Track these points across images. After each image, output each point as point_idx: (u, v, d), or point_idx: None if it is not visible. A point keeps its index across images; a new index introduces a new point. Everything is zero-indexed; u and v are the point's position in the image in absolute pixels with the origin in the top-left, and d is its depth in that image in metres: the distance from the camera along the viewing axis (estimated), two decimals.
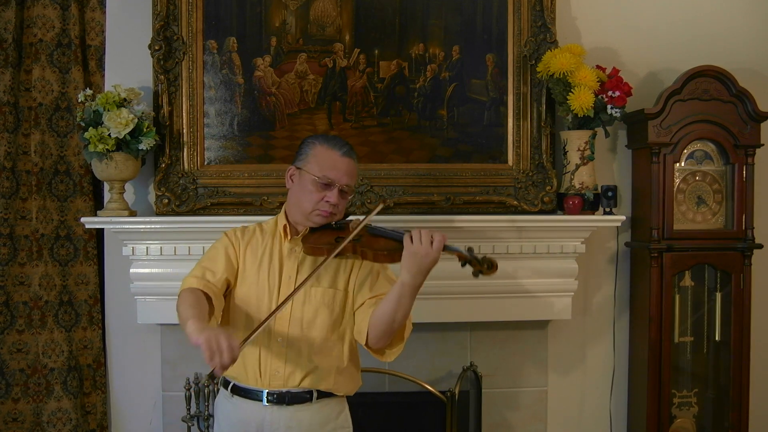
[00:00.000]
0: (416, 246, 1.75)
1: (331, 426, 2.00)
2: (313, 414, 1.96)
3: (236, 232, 2.05)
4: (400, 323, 1.85)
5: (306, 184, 1.95)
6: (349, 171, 1.97)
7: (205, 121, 2.82)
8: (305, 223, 1.98)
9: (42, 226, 2.83)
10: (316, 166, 1.95)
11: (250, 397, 1.97)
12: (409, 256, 1.75)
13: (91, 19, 2.87)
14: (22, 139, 2.84)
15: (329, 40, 2.85)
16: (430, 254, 1.75)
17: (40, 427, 2.86)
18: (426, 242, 1.75)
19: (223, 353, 1.61)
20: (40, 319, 2.85)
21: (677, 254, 2.87)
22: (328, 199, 1.93)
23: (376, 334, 1.87)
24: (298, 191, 1.98)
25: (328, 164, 1.94)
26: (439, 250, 1.76)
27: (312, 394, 1.96)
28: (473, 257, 1.78)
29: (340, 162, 1.95)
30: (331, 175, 1.93)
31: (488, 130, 2.91)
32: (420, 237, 1.75)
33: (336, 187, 1.93)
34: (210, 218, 2.72)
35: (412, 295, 1.81)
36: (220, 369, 1.63)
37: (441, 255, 1.78)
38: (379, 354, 1.95)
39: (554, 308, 2.91)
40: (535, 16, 2.88)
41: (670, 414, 2.94)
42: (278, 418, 1.94)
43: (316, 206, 1.94)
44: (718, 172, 2.95)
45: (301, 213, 1.98)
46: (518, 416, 3.05)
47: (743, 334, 2.92)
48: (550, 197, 2.88)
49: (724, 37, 3.07)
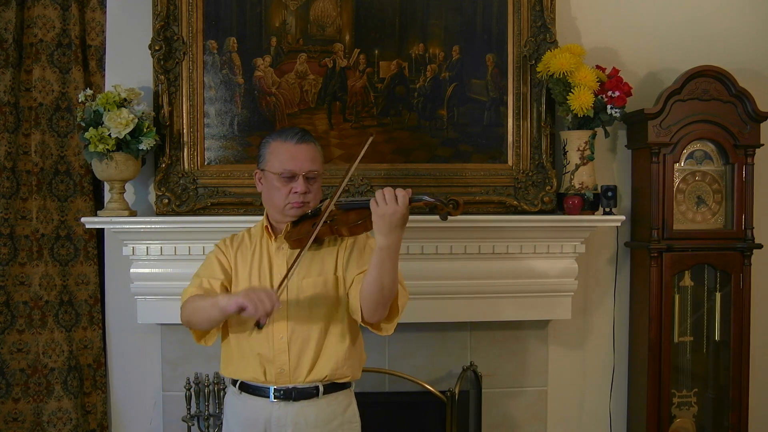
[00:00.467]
0: (382, 207, 1.73)
1: (338, 421, 2.00)
2: (320, 409, 1.97)
3: (225, 241, 2.09)
4: (390, 290, 1.82)
5: (272, 182, 1.97)
6: (309, 156, 1.97)
7: (206, 121, 2.82)
8: (284, 220, 2.00)
9: (42, 226, 2.83)
10: (275, 162, 1.97)
11: (257, 394, 1.98)
12: (378, 218, 1.74)
13: (91, 19, 2.87)
14: (22, 139, 2.85)
15: (329, 40, 2.85)
16: (397, 210, 1.72)
17: (41, 426, 2.86)
18: (391, 200, 1.73)
19: (264, 301, 1.71)
20: (41, 319, 2.85)
21: (677, 254, 2.87)
22: (295, 190, 1.94)
23: (369, 307, 1.85)
24: (267, 191, 2.01)
25: (285, 157, 1.95)
26: (405, 204, 1.74)
27: (318, 389, 1.97)
28: (438, 200, 1.78)
29: (296, 150, 1.96)
30: (290, 166, 1.95)
31: (488, 130, 2.91)
32: (384, 197, 1.74)
33: (300, 177, 1.94)
34: (210, 218, 2.72)
35: (392, 257, 1.78)
36: (264, 316, 1.73)
37: (409, 208, 1.76)
38: (377, 328, 1.94)
39: (554, 308, 2.91)
40: (535, 16, 2.89)
41: (669, 414, 2.94)
42: (285, 414, 1.96)
43: (286, 200, 1.96)
44: (717, 172, 2.95)
45: (276, 211, 2.00)
46: (518, 416, 3.05)
47: (743, 334, 2.92)
48: (550, 197, 2.88)
49: (724, 37, 3.07)
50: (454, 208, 1.77)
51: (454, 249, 2.79)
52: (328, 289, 1.98)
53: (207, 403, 2.86)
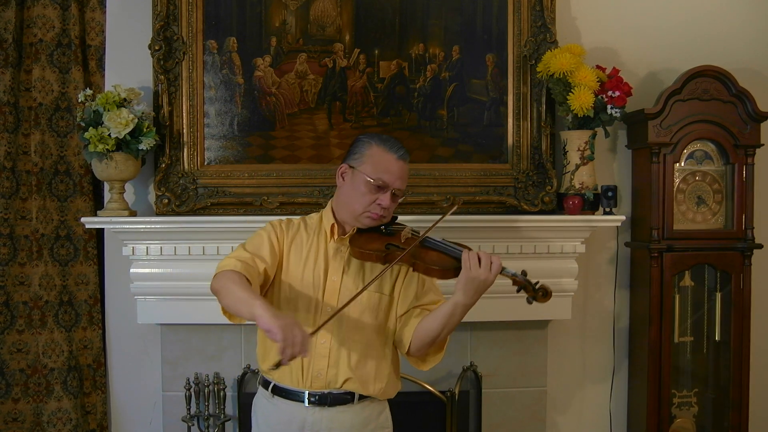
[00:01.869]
0: (475, 271, 1.75)
1: (372, 426, 1.99)
2: (355, 415, 1.95)
3: (281, 224, 2.00)
4: (445, 337, 1.87)
5: (358, 185, 1.90)
6: (403, 175, 1.92)
7: (205, 121, 2.82)
8: (353, 224, 1.94)
9: (42, 226, 2.83)
10: (371, 167, 1.90)
11: (291, 398, 1.95)
12: (468, 280, 1.76)
13: (91, 19, 2.87)
14: (22, 139, 2.84)
15: (329, 40, 2.85)
16: (488, 279, 1.77)
17: (41, 427, 2.86)
18: (485, 267, 1.76)
19: (296, 346, 1.61)
20: (40, 319, 2.85)
21: (677, 254, 2.87)
22: (380, 202, 1.89)
23: (418, 346, 1.89)
24: (349, 190, 1.94)
25: (384, 167, 1.89)
26: (496, 274, 1.77)
27: (353, 395, 1.95)
28: (527, 282, 1.81)
29: (395, 165, 1.90)
30: (385, 177, 1.89)
31: (488, 130, 2.91)
32: (477, 261, 1.76)
33: (389, 191, 1.89)
34: (210, 218, 2.72)
35: (464, 314, 1.83)
36: (288, 360, 1.62)
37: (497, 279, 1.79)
38: (418, 363, 1.97)
39: (554, 308, 2.89)
40: (535, 16, 2.89)
41: (670, 414, 2.94)
42: (320, 419, 1.93)
43: (367, 208, 1.90)
44: (718, 172, 2.95)
45: (349, 213, 1.94)
46: (518, 416, 3.05)
47: (743, 334, 2.92)
48: (550, 197, 2.88)
49: (724, 37, 3.07)
50: (543, 296, 1.80)
51: None
52: (381, 306, 1.95)
53: (207, 403, 2.86)
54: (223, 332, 2.90)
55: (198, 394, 2.87)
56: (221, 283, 1.81)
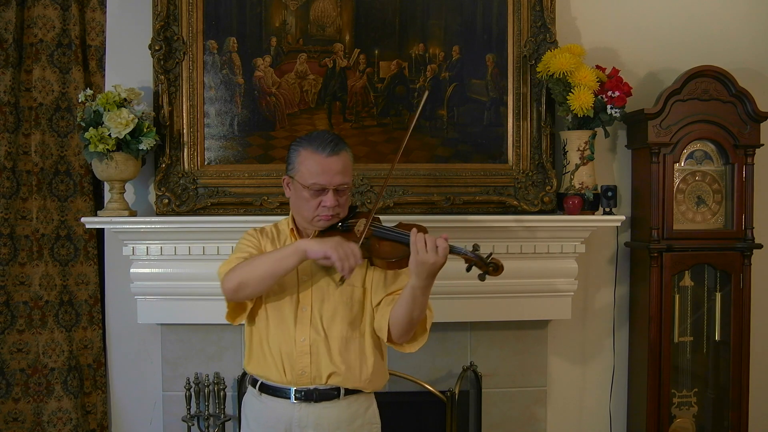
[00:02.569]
0: (423, 255, 1.75)
1: (359, 422, 2.00)
2: (341, 410, 1.97)
3: (256, 231, 2.04)
4: (418, 318, 1.87)
5: (300, 193, 1.92)
6: (341, 169, 1.89)
7: (205, 121, 2.83)
8: (311, 228, 1.97)
9: (42, 226, 2.83)
10: (305, 173, 1.89)
11: (278, 395, 1.97)
12: (418, 264, 1.76)
13: (91, 19, 2.87)
14: (22, 139, 2.85)
15: (329, 40, 2.85)
16: (437, 261, 1.76)
17: (41, 426, 2.86)
18: (432, 250, 1.75)
19: (350, 257, 1.76)
20: (41, 319, 2.85)
21: (677, 254, 2.87)
22: (324, 204, 1.90)
23: (397, 332, 1.89)
24: (294, 200, 1.97)
25: (316, 170, 1.88)
26: (445, 255, 1.77)
27: (339, 390, 1.96)
28: (478, 258, 1.80)
29: (327, 164, 1.88)
30: (321, 180, 1.88)
31: (488, 130, 2.91)
32: (424, 245, 1.76)
33: (330, 190, 1.89)
34: (210, 218, 2.72)
35: (425, 294, 1.82)
36: (349, 272, 1.76)
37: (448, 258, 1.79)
38: (401, 347, 1.96)
39: (554, 308, 2.91)
40: (535, 16, 2.89)
41: (669, 414, 2.94)
42: (306, 415, 1.95)
43: (315, 212, 1.92)
44: (717, 172, 2.95)
45: (303, 220, 1.97)
46: (518, 416, 3.05)
47: (743, 334, 2.92)
48: (550, 197, 2.88)
49: (724, 37, 3.07)
50: (494, 270, 1.78)
51: None
52: (354, 299, 1.96)
53: (207, 403, 2.86)
54: (223, 332, 2.90)
55: (198, 394, 2.87)
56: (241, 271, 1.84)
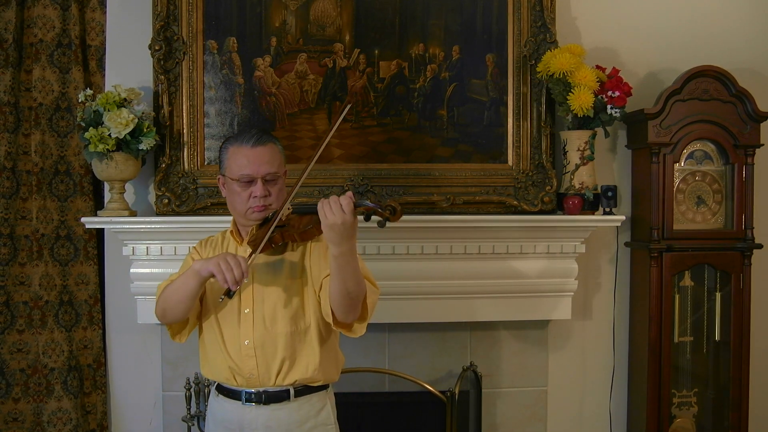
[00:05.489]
0: (330, 218, 1.70)
1: (311, 423, 1.99)
2: (291, 412, 1.97)
3: (201, 243, 2.10)
4: (356, 292, 1.80)
5: (232, 188, 1.95)
6: (266, 159, 1.93)
7: (206, 121, 2.83)
8: (249, 224, 1.98)
9: (42, 226, 2.83)
10: (234, 166, 1.94)
11: (231, 397, 1.99)
12: (328, 229, 1.72)
13: (91, 19, 2.87)
14: (22, 139, 2.85)
15: (329, 40, 2.85)
16: (345, 219, 1.70)
17: (41, 426, 2.86)
18: (337, 210, 1.70)
19: (233, 269, 1.75)
20: (41, 319, 2.85)
21: (677, 254, 2.87)
22: (254, 194, 1.93)
23: (339, 310, 1.83)
24: (229, 197, 1.99)
25: (242, 162, 1.93)
26: (351, 211, 1.71)
27: (289, 392, 1.96)
28: (376, 206, 1.74)
29: (252, 154, 1.93)
30: (247, 171, 1.92)
31: (488, 130, 2.91)
32: (330, 207, 1.71)
33: (258, 180, 1.93)
34: (210, 218, 2.72)
35: (350, 262, 1.76)
36: (234, 284, 1.76)
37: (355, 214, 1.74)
38: (349, 330, 1.92)
39: (554, 308, 2.91)
40: (535, 16, 2.89)
41: (669, 414, 2.94)
42: (257, 417, 1.96)
43: (247, 204, 1.94)
44: (717, 172, 2.95)
45: (239, 215, 1.99)
46: (518, 416, 3.05)
47: (743, 334, 2.92)
48: (550, 197, 2.88)
49: (724, 37, 3.07)
50: (391, 214, 1.72)
51: (453, 249, 2.79)
52: (292, 294, 1.96)
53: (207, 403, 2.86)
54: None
55: (198, 394, 2.87)
56: (162, 299, 1.95)
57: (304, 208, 1.92)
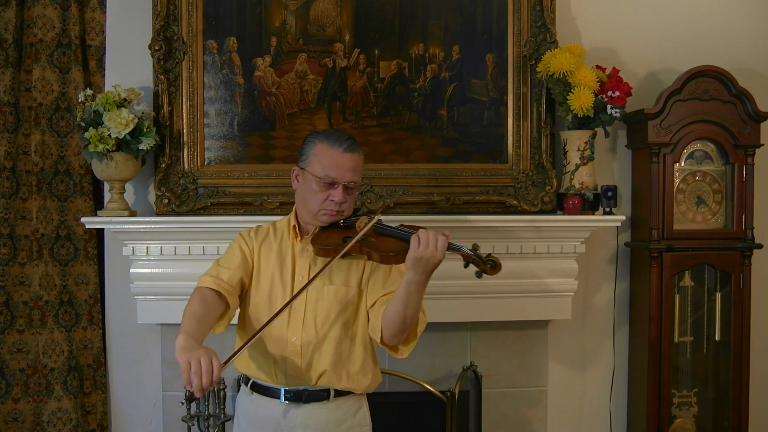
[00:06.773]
0: (423, 250, 1.74)
1: (348, 424, 2.00)
2: (330, 412, 1.97)
3: (250, 232, 2.05)
4: (411, 319, 1.84)
5: (310, 184, 1.93)
6: (353, 167, 1.94)
7: (205, 121, 2.82)
8: (314, 223, 1.97)
9: (42, 226, 2.83)
10: (318, 165, 1.92)
11: (268, 395, 1.97)
12: (415, 259, 1.74)
13: (91, 19, 2.87)
14: (22, 139, 2.85)
15: (329, 40, 2.85)
16: (436, 256, 1.74)
17: (41, 426, 2.86)
18: (432, 245, 1.74)
19: (202, 376, 1.59)
20: (41, 319, 2.85)
21: (677, 254, 2.87)
22: (332, 198, 1.92)
23: (389, 332, 1.87)
24: (303, 191, 1.97)
25: (330, 163, 1.91)
26: (443, 251, 1.75)
27: (329, 392, 1.96)
28: (477, 256, 1.78)
29: (342, 159, 1.92)
30: (333, 174, 1.91)
31: (488, 130, 2.91)
32: (426, 240, 1.74)
33: (340, 185, 1.91)
34: (210, 218, 2.72)
35: (420, 291, 1.80)
36: (198, 392, 1.60)
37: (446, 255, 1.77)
38: (394, 351, 1.95)
39: (554, 308, 2.91)
40: (535, 16, 2.89)
41: (670, 414, 2.94)
42: (295, 415, 1.95)
43: (321, 206, 1.93)
44: (717, 172, 2.95)
45: (307, 212, 1.97)
46: (518, 416, 3.05)
47: (743, 334, 2.92)
48: (550, 197, 2.88)
49: (724, 37, 3.07)
50: (492, 269, 1.76)
51: None
52: (348, 300, 1.96)
53: (207, 403, 2.86)
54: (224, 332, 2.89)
55: None
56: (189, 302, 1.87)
57: (387, 231, 1.90)
